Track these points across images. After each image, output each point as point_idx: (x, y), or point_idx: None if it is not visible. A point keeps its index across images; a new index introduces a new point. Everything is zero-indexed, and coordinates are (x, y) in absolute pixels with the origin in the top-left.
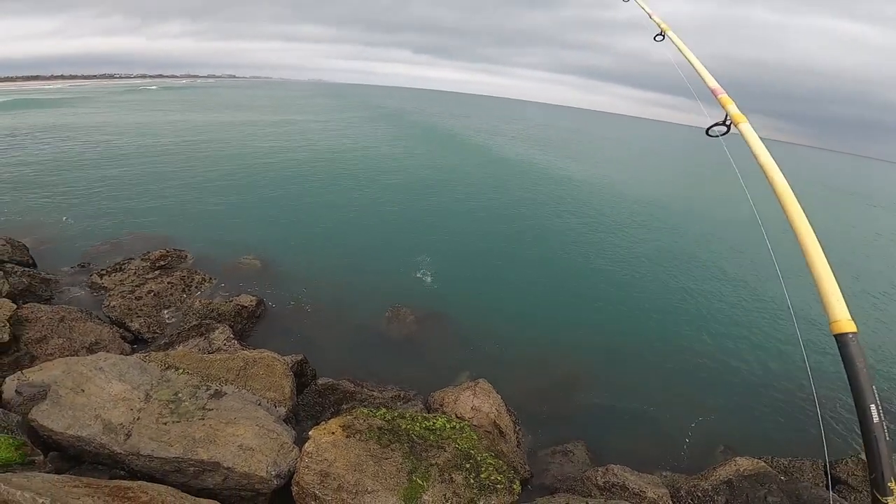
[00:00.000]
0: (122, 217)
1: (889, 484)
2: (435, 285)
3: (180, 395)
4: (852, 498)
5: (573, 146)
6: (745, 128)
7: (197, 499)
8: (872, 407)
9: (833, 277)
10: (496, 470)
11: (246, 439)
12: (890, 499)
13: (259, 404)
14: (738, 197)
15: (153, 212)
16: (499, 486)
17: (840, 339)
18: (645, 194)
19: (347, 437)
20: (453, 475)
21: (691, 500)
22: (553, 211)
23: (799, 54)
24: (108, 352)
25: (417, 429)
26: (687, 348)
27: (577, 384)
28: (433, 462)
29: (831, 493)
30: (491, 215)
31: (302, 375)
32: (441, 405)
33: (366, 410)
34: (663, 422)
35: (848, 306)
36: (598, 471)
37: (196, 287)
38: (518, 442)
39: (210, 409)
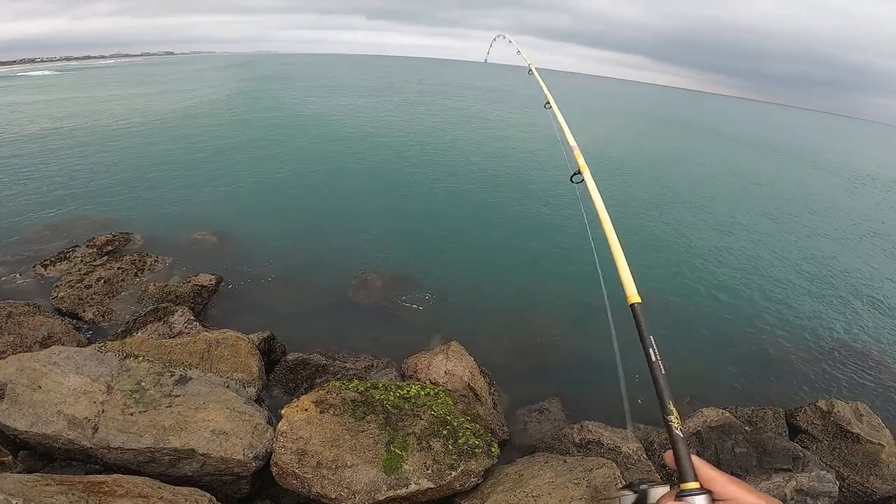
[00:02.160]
0: (58, 202)
1: (668, 405)
2: (401, 248)
3: (143, 383)
4: (814, 448)
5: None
6: (587, 175)
7: (176, 487)
8: (651, 350)
9: (627, 267)
10: (474, 434)
11: (218, 423)
12: (672, 416)
13: (227, 386)
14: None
15: (89, 195)
16: (477, 450)
17: (632, 307)
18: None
19: (321, 412)
20: (431, 443)
21: (664, 453)
22: (519, 169)
23: (759, 15)
24: (62, 345)
25: (392, 398)
26: (649, 298)
27: (548, 340)
28: (410, 431)
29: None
30: (453, 176)
31: (271, 352)
32: (415, 371)
33: (338, 384)
34: (632, 374)
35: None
36: (573, 428)
37: (149, 270)
38: (494, 403)
39: (177, 396)
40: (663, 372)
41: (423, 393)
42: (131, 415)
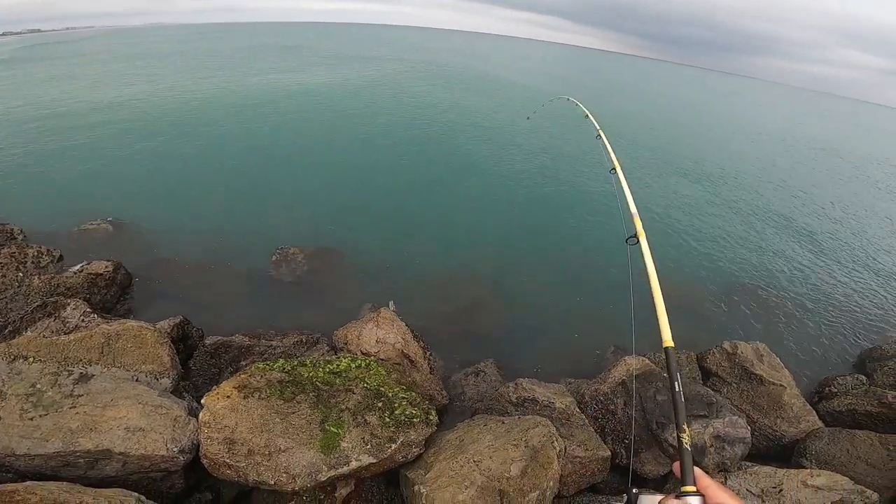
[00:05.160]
0: None
1: (683, 425)
2: (321, 219)
3: (38, 385)
4: (725, 391)
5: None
6: (643, 240)
7: (98, 490)
8: (676, 383)
9: (665, 313)
10: (410, 403)
11: (131, 420)
12: (684, 435)
13: (136, 380)
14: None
15: None
16: (415, 419)
17: (666, 350)
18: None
19: (245, 397)
20: (367, 417)
21: (595, 404)
22: (441, 133)
23: None
24: None
25: (321, 374)
26: (569, 258)
27: (479, 302)
28: (344, 407)
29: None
30: (372, 141)
31: (186, 338)
32: (345, 343)
33: (262, 365)
34: (559, 329)
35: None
36: (509, 387)
37: (32, 263)
38: (431, 368)
39: (80, 395)
40: (682, 400)
41: (353, 366)
42: (31, 419)
